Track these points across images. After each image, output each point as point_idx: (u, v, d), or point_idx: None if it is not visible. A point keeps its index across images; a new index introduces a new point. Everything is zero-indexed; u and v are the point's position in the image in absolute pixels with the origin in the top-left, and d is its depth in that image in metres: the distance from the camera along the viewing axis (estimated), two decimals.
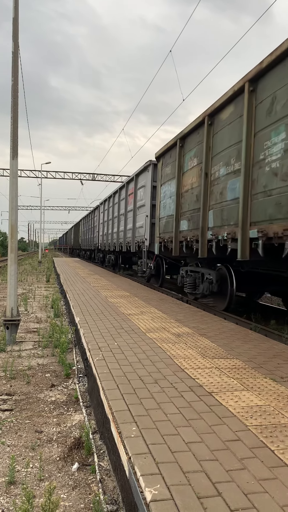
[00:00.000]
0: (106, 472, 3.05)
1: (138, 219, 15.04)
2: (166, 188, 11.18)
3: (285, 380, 4.01)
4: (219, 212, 7.68)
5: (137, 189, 15.20)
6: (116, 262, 22.59)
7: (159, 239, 11.64)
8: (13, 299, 6.90)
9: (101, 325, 6.59)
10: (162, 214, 11.53)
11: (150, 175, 13.42)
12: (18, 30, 7.04)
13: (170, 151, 10.81)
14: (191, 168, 9.25)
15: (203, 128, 8.45)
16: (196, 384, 3.86)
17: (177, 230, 10.01)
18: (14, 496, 2.74)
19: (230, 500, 2.12)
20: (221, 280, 8.82)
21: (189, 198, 9.28)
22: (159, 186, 11.93)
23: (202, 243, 8.27)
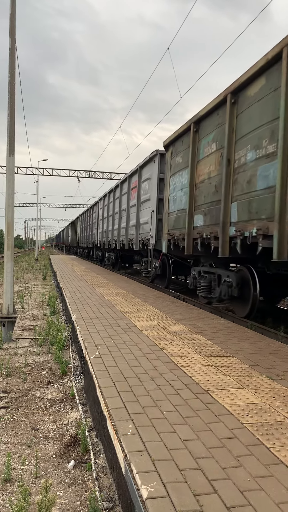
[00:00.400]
0: (102, 469, 3.05)
1: (142, 215, 13.99)
2: (176, 180, 10.09)
3: (281, 378, 4.02)
4: (246, 204, 6.57)
5: (141, 182, 14.19)
6: (116, 260, 21.44)
7: (168, 236, 10.58)
8: (10, 296, 6.88)
9: (97, 322, 6.59)
10: (171, 209, 10.45)
11: (156, 167, 12.36)
12: (15, 26, 7.00)
13: (182, 137, 9.67)
14: (208, 155, 8.13)
15: (224, 108, 7.37)
16: (193, 381, 3.86)
17: (190, 226, 8.92)
18: (10, 494, 2.73)
19: (226, 498, 2.12)
20: (242, 283, 7.83)
21: (206, 189, 8.17)
22: (167, 178, 10.83)
23: (223, 241, 7.20)
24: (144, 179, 13.86)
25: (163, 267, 12.67)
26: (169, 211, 10.61)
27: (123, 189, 17.65)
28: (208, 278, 8.87)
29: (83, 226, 35.83)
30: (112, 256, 21.97)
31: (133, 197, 15.38)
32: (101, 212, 24.65)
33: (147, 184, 13.48)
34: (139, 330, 6.09)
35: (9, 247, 6.95)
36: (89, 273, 17.56)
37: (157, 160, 12.33)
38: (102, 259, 26.50)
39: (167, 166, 10.95)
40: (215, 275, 8.70)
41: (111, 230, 20.35)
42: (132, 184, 15.82)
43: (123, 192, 17.46)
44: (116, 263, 21.56)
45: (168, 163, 10.78)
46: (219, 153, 7.63)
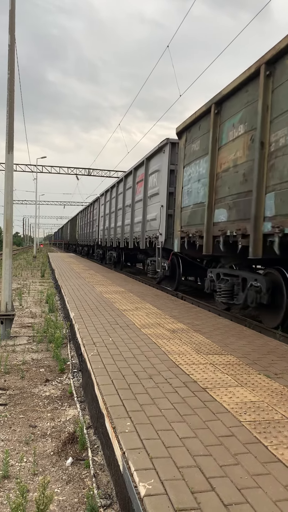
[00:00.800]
0: (100, 466, 3.06)
1: (150, 211, 12.82)
2: (192, 170, 8.90)
3: (279, 377, 4.03)
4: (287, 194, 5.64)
5: (149, 175, 13.02)
6: (118, 259, 20.10)
7: (181, 233, 9.37)
8: (8, 293, 6.88)
9: (96, 320, 6.59)
10: (185, 203, 9.23)
11: (167, 157, 11.16)
12: (15, 22, 6.98)
13: (199, 122, 8.55)
14: (233, 139, 7.06)
15: (256, 83, 6.39)
16: (191, 379, 3.87)
17: (210, 221, 7.82)
18: (8, 490, 2.74)
19: (224, 495, 2.13)
20: (272, 288, 6.89)
21: (231, 179, 7.10)
22: (180, 168, 9.62)
23: (255, 239, 6.23)
24: (151, 171, 12.74)
25: (172, 268, 11.62)
26: (183, 206, 9.42)
27: (127, 183, 16.44)
28: (230, 282, 7.83)
29: (83, 223, 34.52)
30: (114, 254, 20.71)
31: (139, 191, 14.28)
32: (102, 208, 23.38)
33: (155, 177, 12.35)
34: (137, 328, 6.09)
35: (8, 244, 6.95)
36: (88, 271, 17.55)
37: (168, 150, 11.13)
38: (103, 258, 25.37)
39: (180, 155, 9.75)
40: (238, 278, 7.70)
41: (114, 227, 19.13)
42: (137, 177, 14.67)
43: (128, 186, 16.25)
44: (118, 262, 20.35)
45: (182, 152, 9.57)
46: (249, 136, 6.61)
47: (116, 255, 20.38)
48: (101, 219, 23.63)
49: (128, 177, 16.32)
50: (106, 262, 23.04)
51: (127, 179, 16.41)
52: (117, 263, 20.55)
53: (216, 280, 8.53)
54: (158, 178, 11.95)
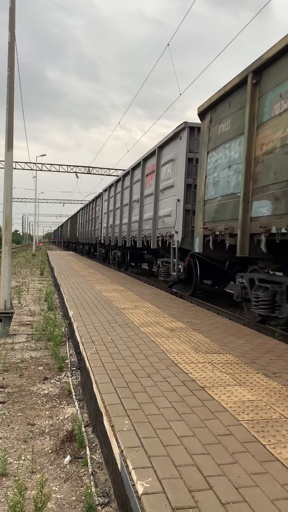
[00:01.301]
0: (98, 465, 3.06)
1: (163, 206, 11.41)
2: (220, 155, 7.62)
3: (278, 376, 4.04)
4: None
5: (161, 166, 11.66)
6: (123, 259, 18.79)
7: (204, 231, 8.04)
8: (7, 291, 6.88)
9: (94, 318, 6.59)
10: (211, 195, 7.91)
11: (184, 144, 9.75)
12: (15, 20, 6.96)
13: (230, 97, 7.31)
14: (281, 113, 5.83)
15: None
16: (189, 378, 3.87)
17: (246, 216, 6.56)
18: (6, 488, 2.74)
19: (221, 494, 2.13)
20: None
21: (278, 162, 5.86)
22: (203, 155, 8.33)
23: None
24: (165, 161, 11.34)
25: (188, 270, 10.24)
26: (207, 198, 8.10)
27: (134, 176, 15.00)
28: (270, 290, 6.62)
29: (84, 220, 32.96)
30: (119, 254, 19.22)
31: (149, 184, 12.91)
32: (105, 204, 21.79)
33: (169, 168, 10.94)
34: (136, 327, 6.09)
35: (7, 242, 6.94)
36: (87, 269, 17.55)
37: (185, 136, 9.68)
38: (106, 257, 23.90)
39: (202, 139, 8.40)
40: (282, 286, 6.49)
41: (119, 224, 17.70)
42: (147, 169, 13.24)
43: (135, 180, 14.85)
44: (123, 262, 19.00)
45: (205, 135, 8.24)
46: None
47: (120, 254, 19.07)
48: (104, 216, 22.10)
49: (135, 170, 14.89)
50: (110, 262, 21.77)
51: (135, 171, 14.98)
52: (121, 263, 19.33)
53: (249, 287, 7.27)
54: (173, 169, 10.54)
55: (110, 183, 20.76)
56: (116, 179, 18.99)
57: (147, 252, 15.80)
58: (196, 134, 9.59)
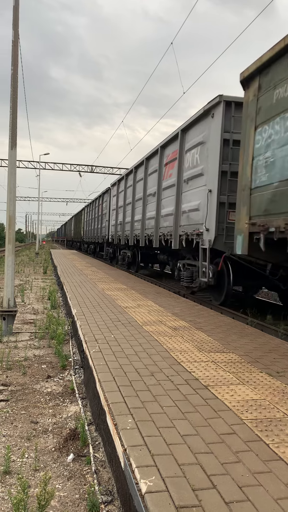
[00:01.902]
0: (101, 463, 3.06)
1: (188, 198, 9.68)
2: (276, 129, 6.05)
3: (281, 375, 4.03)
4: None
5: (185, 152, 9.95)
6: (133, 260, 17.14)
7: (251, 227, 6.56)
8: (10, 290, 6.89)
9: (97, 317, 6.59)
10: (261, 181, 6.36)
11: (218, 122, 8.04)
12: (18, 18, 6.96)
13: None
14: None
15: None
16: (192, 377, 3.87)
17: None
18: (9, 486, 2.74)
19: (225, 493, 2.13)
20: None
21: None
22: (249, 132, 6.82)
23: None
24: (190, 146, 9.60)
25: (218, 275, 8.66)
26: (256, 186, 6.58)
27: (150, 167, 13.38)
28: None
29: (90, 218, 30.91)
30: (129, 254, 17.50)
31: (168, 175, 11.29)
32: (114, 200, 19.99)
33: (196, 153, 9.27)
34: (139, 325, 6.09)
35: (10, 240, 6.95)
36: (90, 267, 17.56)
37: (220, 112, 8.00)
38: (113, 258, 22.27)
39: (247, 112, 6.92)
40: None
41: (130, 222, 15.96)
42: (166, 157, 11.63)
43: (151, 170, 13.21)
44: (133, 263, 17.34)
45: (251, 106, 6.79)
46: None
47: (131, 254, 17.33)
48: (113, 212, 20.30)
49: (151, 159, 13.28)
50: (118, 262, 20.01)
51: (150, 161, 13.42)
52: (131, 264, 17.71)
53: None
54: (202, 154, 8.86)
55: (119, 177, 18.91)
56: (126, 171, 17.08)
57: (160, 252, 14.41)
58: (232, 110, 8.06)
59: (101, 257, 27.28)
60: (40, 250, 40.36)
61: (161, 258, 14.42)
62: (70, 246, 58.66)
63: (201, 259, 8.69)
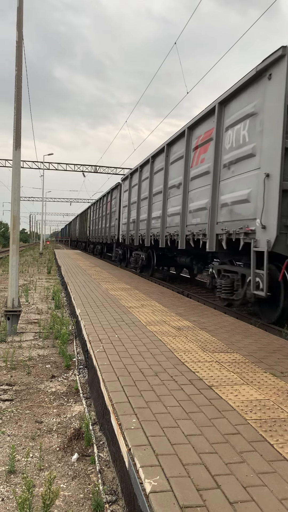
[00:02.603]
0: (106, 463, 3.07)
1: (231, 187, 7.71)
2: None
3: (285, 375, 4.02)
4: None
5: (225, 129, 8.02)
6: (148, 262, 15.27)
7: None
8: (14, 290, 6.91)
9: (101, 317, 6.60)
10: None
11: (281, 85, 6.22)
12: (22, 19, 6.98)
13: None
14: None
15: None
16: (196, 377, 3.87)
17: None
18: (14, 485, 2.76)
19: (229, 493, 2.13)
20: None
21: None
22: None
23: None
24: (233, 121, 7.72)
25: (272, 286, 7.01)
26: None
27: (172, 154, 11.37)
28: None
29: (97, 217, 28.78)
30: (143, 256, 15.38)
31: (200, 160, 9.31)
32: (125, 196, 17.82)
33: (242, 128, 7.38)
34: (143, 325, 6.10)
35: (15, 241, 6.97)
36: (94, 268, 17.58)
37: (283, 72, 6.14)
38: (123, 259, 20.36)
39: None
40: None
41: (146, 219, 13.83)
42: (196, 139, 9.54)
43: (173, 158, 11.18)
44: (147, 266, 15.36)
45: None
46: None
47: (145, 256, 15.22)
48: (124, 210, 18.17)
49: (173, 145, 11.18)
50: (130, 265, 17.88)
51: (172, 148, 11.35)
52: (145, 267, 15.66)
53: None
54: (252, 129, 7.05)
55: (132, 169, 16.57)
56: (141, 162, 14.84)
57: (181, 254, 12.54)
58: None
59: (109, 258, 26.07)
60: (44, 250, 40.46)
61: (182, 261, 12.47)
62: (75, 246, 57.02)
63: (254, 266, 6.78)
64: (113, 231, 21.18)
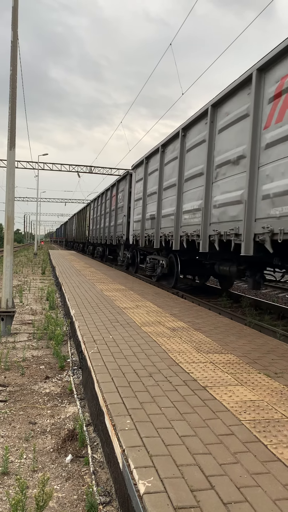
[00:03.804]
0: (100, 464, 3.06)
1: None
2: None
3: (279, 376, 4.03)
4: None
5: None
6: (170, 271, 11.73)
7: None
8: (8, 290, 6.88)
9: (96, 318, 6.59)
10: None
11: None
12: (18, 19, 6.96)
13: None
14: None
15: None
16: (191, 378, 3.87)
17: None
18: (8, 487, 2.74)
19: (223, 493, 2.13)
20: None
21: None
22: None
23: None
24: None
25: None
26: None
27: (220, 118, 7.94)
28: None
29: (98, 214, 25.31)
30: (164, 262, 11.83)
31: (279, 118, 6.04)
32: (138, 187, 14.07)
33: None
34: (137, 326, 6.09)
35: (9, 241, 6.95)
36: (88, 268, 17.55)
37: None
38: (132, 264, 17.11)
39: None
40: None
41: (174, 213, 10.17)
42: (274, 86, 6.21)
43: (224, 122, 7.75)
44: (169, 274, 11.92)
45: None
46: None
47: (166, 263, 11.76)
48: (136, 204, 14.43)
49: (224, 105, 7.83)
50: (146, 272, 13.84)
51: (221, 108, 7.88)
52: (167, 276, 12.24)
53: None
54: None
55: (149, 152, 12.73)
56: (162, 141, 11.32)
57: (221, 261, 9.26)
58: None
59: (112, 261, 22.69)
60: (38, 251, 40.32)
61: (225, 270, 8.94)
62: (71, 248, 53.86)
63: None
64: (120, 230, 18.05)
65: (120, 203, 18.15)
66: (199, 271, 11.82)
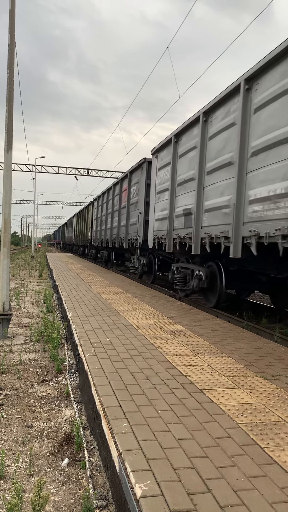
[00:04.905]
0: (96, 467, 3.05)
1: None
2: None
3: (276, 379, 4.03)
4: None
5: None
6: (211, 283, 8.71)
7: None
8: (5, 293, 6.87)
9: (93, 321, 6.58)
10: None
11: None
12: (15, 22, 6.97)
13: None
14: None
15: None
16: (188, 381, 3.86)
17: None
18: (4, 491, 2.73)
19: (220, 497, 2.12)
20: None
21: None
22: None
23: None
24: None
25: None
26: None
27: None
28: None
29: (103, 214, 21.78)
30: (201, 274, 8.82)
31: None
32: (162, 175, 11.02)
33: None
34: (134, 329, 6.08)
35: (6, 244, 6.94)
36: (85, 271, 17.54)
37: None
38: (149, 272, 13.69)
39: None
40: None
41: (226, 205, 7.21)
42: None
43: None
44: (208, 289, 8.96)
45: None
46: None
47: (206, 274, 8.77)
48: (159, 197, 11.28)
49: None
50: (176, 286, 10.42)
51: None
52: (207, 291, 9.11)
53: None
54: None
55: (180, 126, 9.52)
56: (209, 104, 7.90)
57: None
58: None
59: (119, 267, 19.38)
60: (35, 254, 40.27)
61: None
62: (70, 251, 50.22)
63: None
64: (133, 231, 14.46)
65: (134, 198, 14.67)
66: (254, 286, 9.10)
